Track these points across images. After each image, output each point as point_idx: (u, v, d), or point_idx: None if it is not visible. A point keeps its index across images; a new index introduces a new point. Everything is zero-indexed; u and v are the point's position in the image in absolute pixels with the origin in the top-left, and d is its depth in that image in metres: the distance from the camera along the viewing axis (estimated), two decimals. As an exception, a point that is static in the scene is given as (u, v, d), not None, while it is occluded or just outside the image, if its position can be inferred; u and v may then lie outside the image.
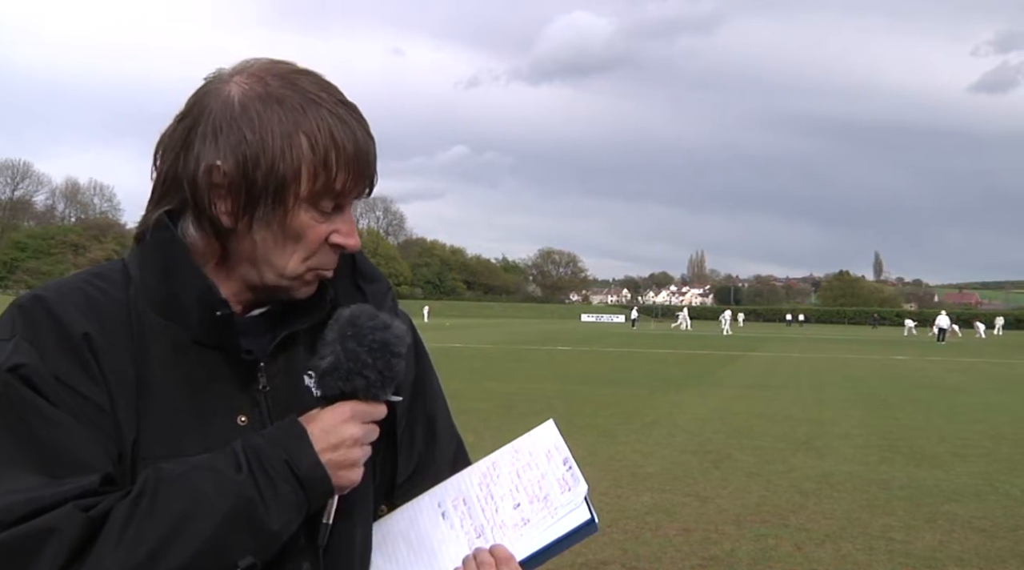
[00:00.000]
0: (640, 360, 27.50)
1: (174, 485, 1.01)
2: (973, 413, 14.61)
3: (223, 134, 1.08)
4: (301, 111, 1.08)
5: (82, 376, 1.05)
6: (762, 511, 7.16)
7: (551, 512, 1.15)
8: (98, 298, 1.11)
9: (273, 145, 1.07)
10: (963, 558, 5.98)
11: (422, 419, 1.33)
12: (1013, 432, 12.33)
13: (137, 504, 1.00)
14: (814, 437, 11.27)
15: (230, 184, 1.09)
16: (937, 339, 53.24)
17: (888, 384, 20.17)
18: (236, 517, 1.01)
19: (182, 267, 1.11)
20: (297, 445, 1.05)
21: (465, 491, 1.22)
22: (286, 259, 1.12)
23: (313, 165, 1.08)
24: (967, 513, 7.25)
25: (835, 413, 14.09)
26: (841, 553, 6.03)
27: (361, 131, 1.11)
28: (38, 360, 1.03)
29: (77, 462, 1.01)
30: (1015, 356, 36.25)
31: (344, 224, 1.13)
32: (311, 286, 1.16)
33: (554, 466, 1.19)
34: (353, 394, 1.09)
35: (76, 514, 0.97)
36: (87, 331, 1.07)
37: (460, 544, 1.18)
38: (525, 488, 1.19)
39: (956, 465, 9.55)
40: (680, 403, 14.73)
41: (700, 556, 5.88)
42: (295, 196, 1.08)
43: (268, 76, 1.11)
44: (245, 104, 1.09)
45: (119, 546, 0.97)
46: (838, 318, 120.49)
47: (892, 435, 11.68)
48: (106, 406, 1.05)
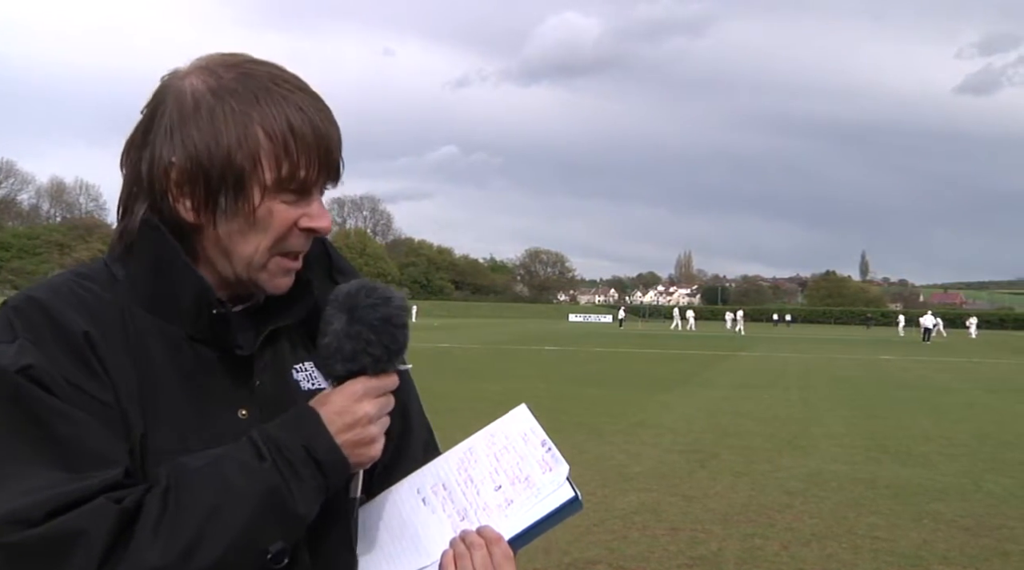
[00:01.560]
0: (628, 360, 27.54)
1: (201, 477, 1.03)
2: (958, 412, 14.71)
3: (177, 131, 1.10)
4: (255, 101, 1.09)
5: (87, 375, 1.06)
6: (749, 511, 7.19)
7: (534, 492, 1.16)
8: (88, 298, 1.12)
9: (228, 137, 1.08)
10: (947, 556, 6.03)
11: (397, 409, 1.32)
12: (997, 431, 12.42)
13: (167, 497, 1.01)
14: (800, 437, 11.33)
15: (188, 180, 1.10)
16: (922, 339, 53.55)
17: (874, 384, 20.28)
18: (265, 505, 1.04)
19: (176, 266, 1.12)
20: (313, 430, 1.08)
21: (444, 476, 1.24)
22: (252, 248, 1.13)
23: (273, 153, 1.08)
24: (952, 512, 7.31)
25: (821, 413, 14.16)
26: (827, 552, 6.06)
27: (320, 118, 1.11)
28: (44, 361, 1.04)
29: (97, 456, 1.02)
30: (1000, 356, 36.50)
31: (313, 207, 1.14)
32: (284, 278, 1.17)
33: (532, 448, 1.21)
34: (362, 371, 1.11)
35: (110, 506, 0.99)
36: (87, 330, 1.07)
37: (444, 528, 1.19)
38: (505, 471, 1.20)
39: (941, 464, 9.62)
40: (667, 403, 14.76)
41: (687, 555, 5.90)
42: (258, 186, 1.09)
43: (220, 69, 1.12)
44: (198, 99, 1.10)
45: (157, 539, 0.99)
46: (824, 318, 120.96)
47: (878, 434, 11.75)
48: (112, 403, 1.06)
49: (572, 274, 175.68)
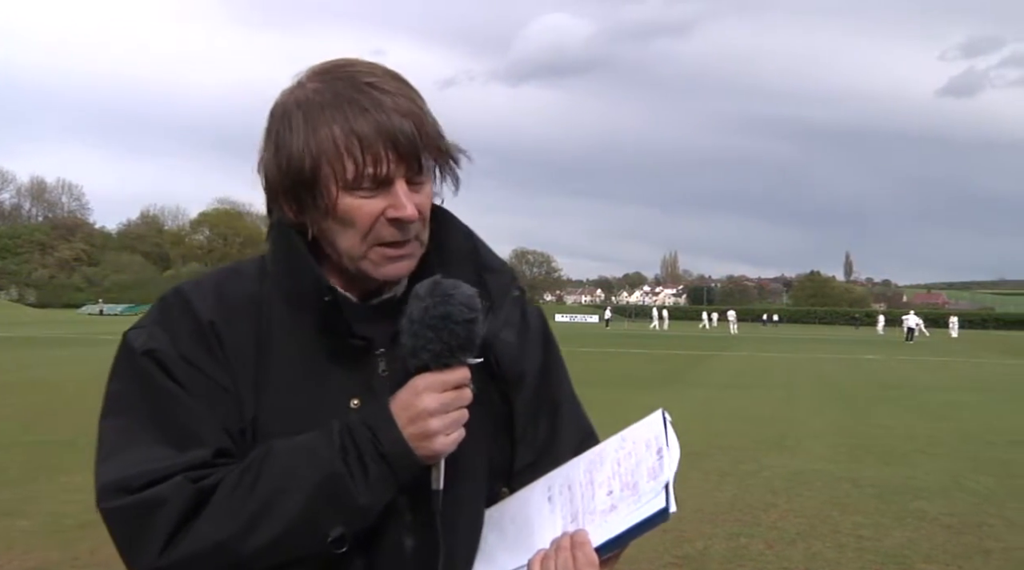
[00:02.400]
0: (614, 360, 27.58)
1: (276, 460, 1.13)
2: (940, 411, 14.82)
3: (272, 142, 1.21)
4: (325, 107, 1.16)
5: (208, 359, 1.18)
6: (735, 510, 7.23)
7: (635, 500, 1.17)
8: (229, 289, 1.25)
9: (302, 145, 1.17)
10: (930, 555, 6.08)
11: (547, 408, 1.37)
12: (979, 430, 12.53)
13: (243, 476, 1.12)
14: (786, 436, 11.40)
15: (282, 187, 1.21)
16: (906, 338, 53.87)
17: (858, 383, 20.40)
18: (324, 492, 1.11)
19: (297, 260, 1.22)
20: (382, 422, 1.14)
21: (572, 477, 1.26)
22: (349, 242, 1.19)
23: (338, 154, 1.15)
24: (935, 510, 7.37)
25: (806, 412, 14.25)
26: (812, 551, 6.11)
27: (389, 114, 1.16)
28: (169, 344, 1.18)
29: (196, 436, 1.15)
30: (981, 355, 36.78)
31: (395, 197, 1.17)
32: (389, 266, 1.21)
33: (650, 455, 1.21)
34: (425, 367, 1.14)
35: (185, 485, 1.10)
36: (213, 319, 1.20)
37: (555, 528, 1.22)
38: (621, 476, 1.21)
39: (924, 463, 9.70)
40: (654, 404, 14.51)
41: (673, 554, 5.93)
42: (334, 185, 1.17)
43: (310, 79, 1.21)
44: (285, 111, 1.20)
45: (220, 514, 1.10)
46: (809, 318, 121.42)
47: (862, 434, 11.84)
48: (229, 386, 1.18)
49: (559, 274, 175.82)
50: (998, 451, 10.67)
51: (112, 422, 1.18)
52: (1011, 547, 6.31)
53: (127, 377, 1.19)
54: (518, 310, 1.36)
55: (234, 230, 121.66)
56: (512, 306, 1.35)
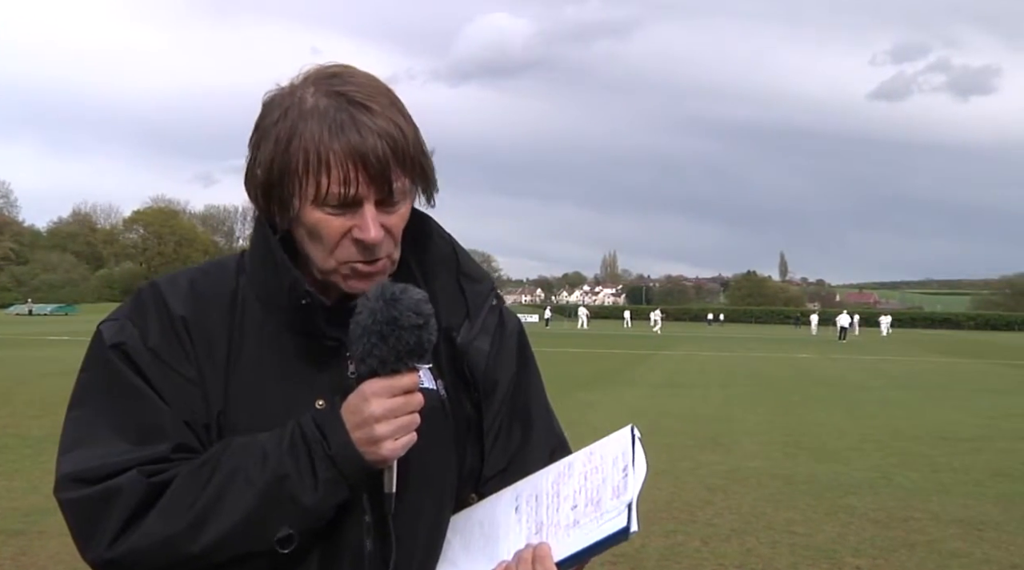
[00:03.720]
0: (553, 359, 27.65)
1: (230, 458, 1.14)
2: (871, 409, 15.21)
3: (255, 145, 1.22)
4: (304, 119, 1.16)
5: (177, 353, 1.20)
6: (671, 508, 7.32)
7: (598, 516, 1.17)
8: (203, 285, 1.27)
9: (279, 154, 1.17)
10: (859, 549, 6.24)
11: (519, 418, 1.38)
12: (908, 427, 12.89)
13: (197, 472, 1.14)
14: (721, 434, 11.57)
15: (260, 190, 1.21)
16: (838, 337, 55.08)
17: (792, 382, 20.80)
18: (271, 492, 1.13)
19: (273, 260, 1.22)
20: (332, 425, 1.15)
21: (539, 488, 1.25)
22: (317, 254, 1.21)
23: (307, 170, 1.15)
24: (864, 505, 7.56)
25: (741, 411, 14.47)
26: (746, 547, 6.22)
27: (362, 134, 1.15)
28: (138, 338, 1.20)
29: (154, 430, 1.16)
30: (910, 353, 37.80)
31: (361, 219, 1.17)
32: (355, 281, 1.21)
33: (615, 471, 1.20)
34: (373, 372, 1.14)
35: (138, 479, 1.13)
36: (183, 314, 1.22)
37: (520, 538, 1.22)
38: (586, 490, 1.21)
39: (855, 459, 9.94)
40: (592, 402, 14.88)
41: (610, 553, 5.88)
42: (300, 199, 1.17)
43: (300, 86, 1.20)
44: (270, 116, 1.20)
45: (171, 510, 1.12)
46: (746, 317, 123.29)
47: (795, 431, 12.07)
48: (195, 380, 1.20)
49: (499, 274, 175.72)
50: (925, 447, 10.99)
51: (76, 413, 1.20)
52: (935, 540, 6.51)
53: (95, 369, 1.21)
54: (495, 319, 1.37)
55: (169, 229, 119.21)
56: (489, 314, 1.35)
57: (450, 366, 1.30)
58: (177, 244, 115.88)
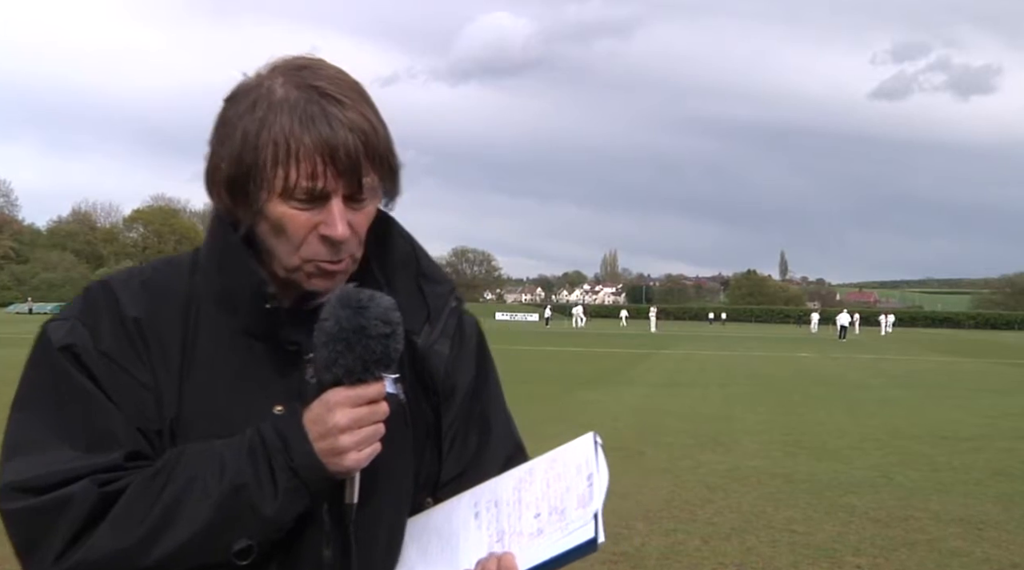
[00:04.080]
0: (553, 358, 27.69)
1: (185, 466, 1.09)
2: (871, 408, 15.22)
3: (221, 135, 1.17)
4: (275, 110, 1.12)
5: (129, 356, 1.14)
6: (672, 507, 7.32)
7: (563, 526, 1.14)
8: (156, 285, 1.21)
9: (248, 144, 1.13)
10: (859, 548, 6.24)
11: (477, 422, 1.35)
12: (908, 426, 12.89)
13: (151, 481, 1.08)
14: (722, 433, 11.57)
15: (225, 182, 1.16)
16: (838, 336, 55.09)
17: (792, 381, 20.81)
18: (229, 501, 1.07)
19: (234, 260, 1.18)
20: (294, 434, 1.10)
21: (500, 494, 1.23)
22: (282, 250, 1.16)
23: (276, 161, 1.11)
24: (864, 504, 7.56)
25: (741, 410, 14.48)
26: (746, 546, 6.22)
27: (333, 127, 1.11)
28: (89, 340, 1.14)
29: (107, 437, 1.10)
30: (910, 352, 37.81)
31: (329, 214, 1.13)
32: (319, 280, 1.17)
33: (579, 480, 1.17)
34: (338, 381, 1.10)
35: (92, 489, 1.06)
36: (136, 316, 1.16)
37: (482, 545, 1.18)
38: (549, 499, 1.18)
39: (855, 458, 9.94)
40: (592, 401, 14.91)
41: (611, 552, 5.97)
42: (267, 192, 1.13)
43: (270, 77, 1.16)
44: (238, 106, 1.16)
45: (124, 521, 1.06)
46: (746, 316, 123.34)
47: (795, 430, 12.08)
48: (149, 384, 1.14)
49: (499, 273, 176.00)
50: (925, 446, 10.99)
51: (22, 418, 1.13)
52: (935, 539, 6.51)
53: (43, 371, 1.15)
54: (455, 321, 1.34)
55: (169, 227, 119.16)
56: (450, 317, 1.32)
57: (410, 369, 1.26)
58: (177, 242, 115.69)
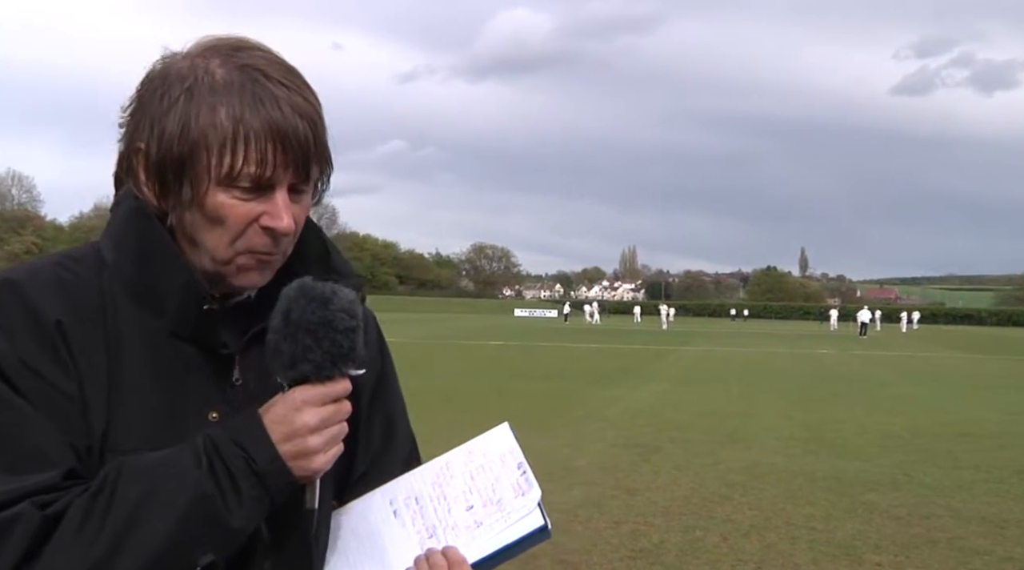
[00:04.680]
0: (572, 355, 27.68)
1: (133, 480, 0.99)
2: (892, 405, 15.09)
3: (148, 116, 1.08)
4: (215, 91, 1.05)
5: (52, 364, 1.02)
6: (690, 503, 7.29)
7: (504, 516, 1.13)
8: (71, 283, 1.08)
9: (183, 126, 1.05)
10: (880, 546, 6.19)
11: (380, 418, 1.31)
12: (928, 423, 12.78)
13: (95, 500, 0.97)
14: (741, 430, 11.53)
15: (152, 166, 1.08)
16: (859, 333, 54.72)
17: (812, 378, 20.68)
18: (194, 514, 0.99)
19: (161, 255, 1.09)
20: (255, 439, 1.02)
21: (417, 490, 1.20)
22: (214, 242, 1.08)
23: (218, 146, 1.04)
24: (885, 502, 7.50)
25: (761, 407, 14.41)
26: (766, 543, 6.18)
27: (283, 112, 1.05)
28: (7, 345, 1.00)
29: (39, 456, 0.99)
30: (932, 349, 37.50)
31: (273, 205, 1.07)
32: (251, 274, 1.11)
33: (508, 470, 1.16)
34: (305, 379, 1.04)
35: (32, 512, 0.95)
36: (59, 318, 1.04)
37: (411, 543, 1.15)
38: (479, 490, 1.16)
39: (875, 456, 9.86)
40: (611, 398, 14.87)
41: (629, 548, 5.96)
42: (207, 178, 1.05)
43: (202, 56, 1.08)
44: (169, 86, 1.07)
45: (75, 545, 0.95)
46: (766, 313, 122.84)
47: (815, 427, 12.00)
48: (75, 396, 1.03)
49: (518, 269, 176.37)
50: (946, 443, 10.89)
51: None
52: (957, 537, 6.44)
53: None
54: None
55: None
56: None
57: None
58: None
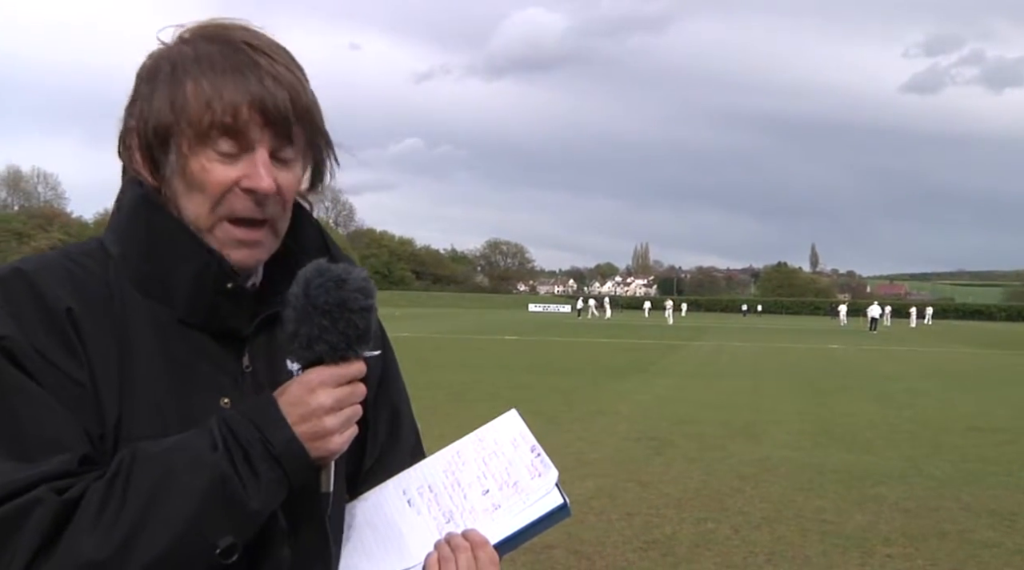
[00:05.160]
0: (585, 349, 27.66)
1: (149, 465, 0.97)
2: (901, 399, 15.02)
3: (137, 97, 1.10)
4: (196, 62, 1.06)
5: (64, 352, 1.01)
6: (702, 495, 7.30)
7: (523, 498, 1.13)
8: (79, 274, 1.07)
9: (164, 98, 1.06)
10: (889, 537, 6.18)
11: (387, 410, 1.31)
12: (939, 417, 12.72)
13: (112, 485, 0.96)
14: (752, 424, 11.50)
15: (142, 143, 1.09)
16: (869, 328, 54.45)
17: (822, 372, 20.60)
18: (212, 496, 0.97)
19: (171, 244, 1.08)
20: (271, 421, 1.01)
21: (430, 479, 1.20)
22: (195, 209, 1.07)
23: (196, 107, 1.05)
24: (894, 495, 7.48)
25: (772, 401, 14.36)
26: (776, 535, 6.18)
27: (261, 76, 1.06)
28: (18, 333, 0.99)
29: (54, 442, 0.97)
30: (940, 344, 37.27)
31: (252, 166, 1.06)
32: (238, 250, 1.10)
33: (521, 454, 1.17)
34: (320, 359, 1.03)
35: (50, 497, 0.94)
36: (70, 306, 1.03)
37: (429, 529, 1.15)
38: (493, 475, 1.16)
39: (884, 449, 9.83)
40: (624, 392, 14.86)
41: (642, 540, 5.98)
42: (186, 141, 1.06)
43: (185, 37, 1.10)
44: (156, 66, 1.09)
45: (95, 529, 0.94)
46: (777, 308, 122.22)
47: (826, 421, 11.97)
48: (87, 384, 1.02)
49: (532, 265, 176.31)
50: (955, 437, 10.85)
51: None
52: (965, 530, 6.43)
53: None
54: None
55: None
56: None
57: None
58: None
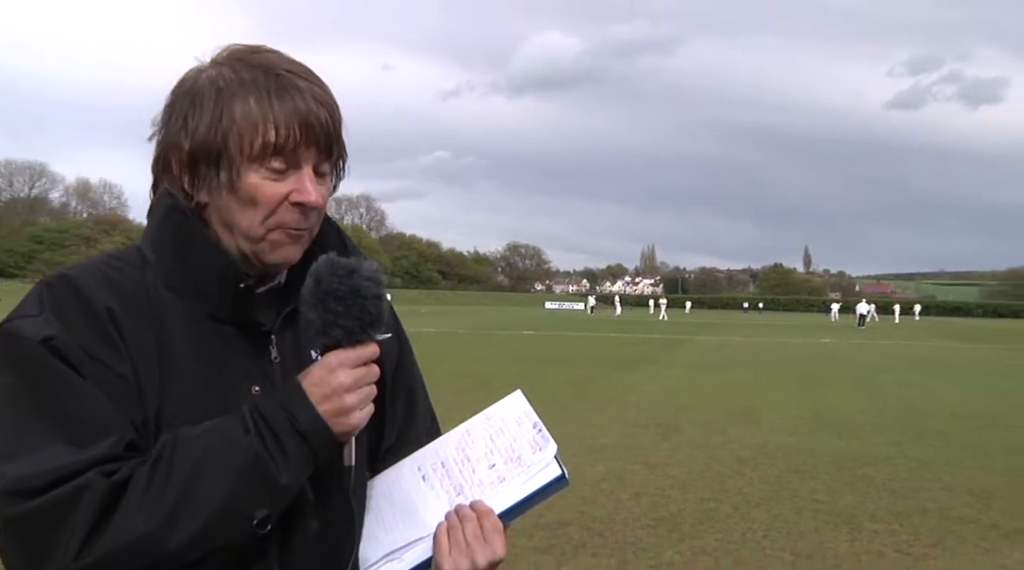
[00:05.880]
0: (596, 343, 27.60)
1: (190, 447, 1.00)
2: (888, 389, 14.87)
3: (183, 117, 1.09)
4: (244, 85, 1.07)
5: (107, 348, 1.02)
6: (705, 477, 7.26)
7: (525, 470, 1.14)
8: (117, 277, 1.09)
9: (216, 119, 1.07)
10: (876, 515, 6.14)
11: (403, 394, 1.32)
12: (922, 405, 12.59)
13: (156, 466, 0.98)
14: (751, 411, 11.43)
15: (189, 161, 1.09)
16: (858, 324, 53.99)
17: (816, 364, 20.45)
18: (248, 473, 1.00)
19: (197, 244, 1.09)
20: (296, 401, 1.03)
21: (443, 455, 1.21)
22: (248, 222, 1.09)
23: (249, 128, 1.06)
24: (881, 476, 7.43)
25: (770, 390, 14.27)
26: (773, 513, 6.15)
27: (305, 99, 1.08)
28: (66, 333, 1.01)
29: (102, 428, 0.99)
30: (925, 338, 36.90)
31: (301, 182, 1.08)
32: (286, 248, 1.12)
33: (524, 430, 1.18)
34: (337, 344, 1.05)
35: (100, 479, 0.95)
36: (111, 306, 1.04)
37: (441, 502, 1.17)
38: (499, 451, 1.17)
39: (872, 435, 9.74)
40: (632, 382, 14.81)
41: (649, 517, 5.97)
42: (240, 160, 1.07)
43: (227, 60, 1.11)
44: (201, 88, 1.09)
45: (141, 507, 0.95)
46: (774, 306, 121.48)
47: (818, 409, 11.87)
48: (130, 377, 1.03)
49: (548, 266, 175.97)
50: (937, 423, 10.74)
51: (5, 418, 0.99)
52: (945, 507, 6.38)
53: (21, 369, 1.00)
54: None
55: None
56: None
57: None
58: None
